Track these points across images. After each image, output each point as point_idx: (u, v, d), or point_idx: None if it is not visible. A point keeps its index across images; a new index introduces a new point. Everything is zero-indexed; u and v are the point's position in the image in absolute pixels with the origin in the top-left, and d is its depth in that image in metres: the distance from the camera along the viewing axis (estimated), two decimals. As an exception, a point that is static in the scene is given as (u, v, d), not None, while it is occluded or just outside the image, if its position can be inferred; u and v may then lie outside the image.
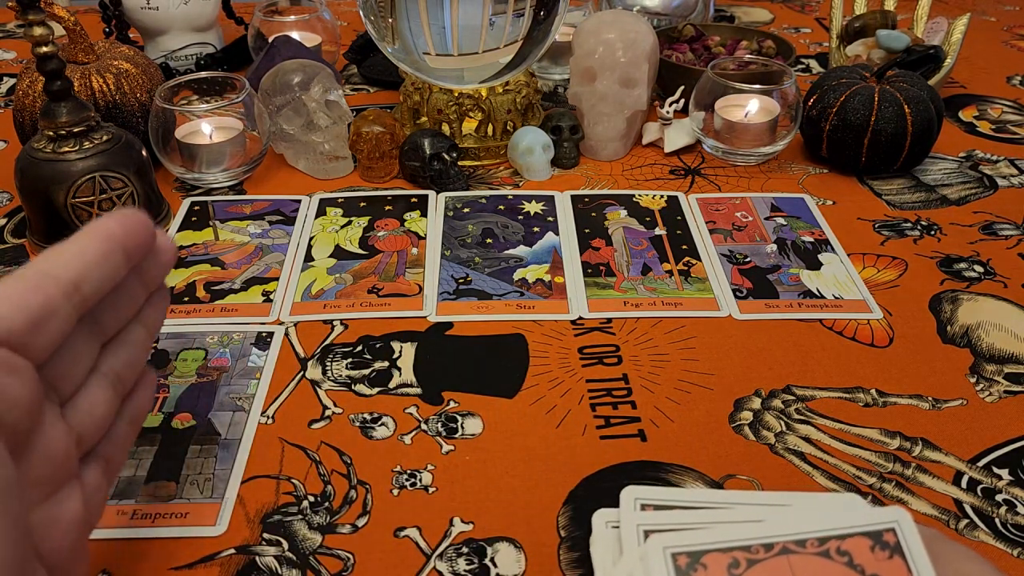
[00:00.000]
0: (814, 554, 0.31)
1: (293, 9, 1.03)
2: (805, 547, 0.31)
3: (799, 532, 0.32)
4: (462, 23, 0.73)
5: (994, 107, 0.96)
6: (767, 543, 0.31)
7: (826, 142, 0.78)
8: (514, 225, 0.72)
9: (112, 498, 0.47)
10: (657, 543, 0.32)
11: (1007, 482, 0.48)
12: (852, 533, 0.32)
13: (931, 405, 0.54)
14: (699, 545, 0.32)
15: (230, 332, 0.59)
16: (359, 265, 0.67)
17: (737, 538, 0.32)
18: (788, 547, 0.31)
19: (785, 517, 0.32)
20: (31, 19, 0.60)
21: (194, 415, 0.52)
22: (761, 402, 0.54)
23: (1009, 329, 0.60)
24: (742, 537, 0.32)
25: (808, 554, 0.31)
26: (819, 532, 0.32)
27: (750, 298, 0.63)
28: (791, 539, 0.32)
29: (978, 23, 1.22)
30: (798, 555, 0.31)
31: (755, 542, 0.32)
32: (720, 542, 0.32)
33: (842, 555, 0.31)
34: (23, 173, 0.65)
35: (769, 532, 0.32)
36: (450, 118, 0.81)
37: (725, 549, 0.31)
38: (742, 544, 0.32)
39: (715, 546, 0.32)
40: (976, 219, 0.74)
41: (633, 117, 0.81)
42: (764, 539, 0.32)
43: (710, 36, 0.98)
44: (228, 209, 0.74)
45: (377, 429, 0.52)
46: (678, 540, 0.32)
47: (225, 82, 0.79)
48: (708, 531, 0.32)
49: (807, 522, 0.32)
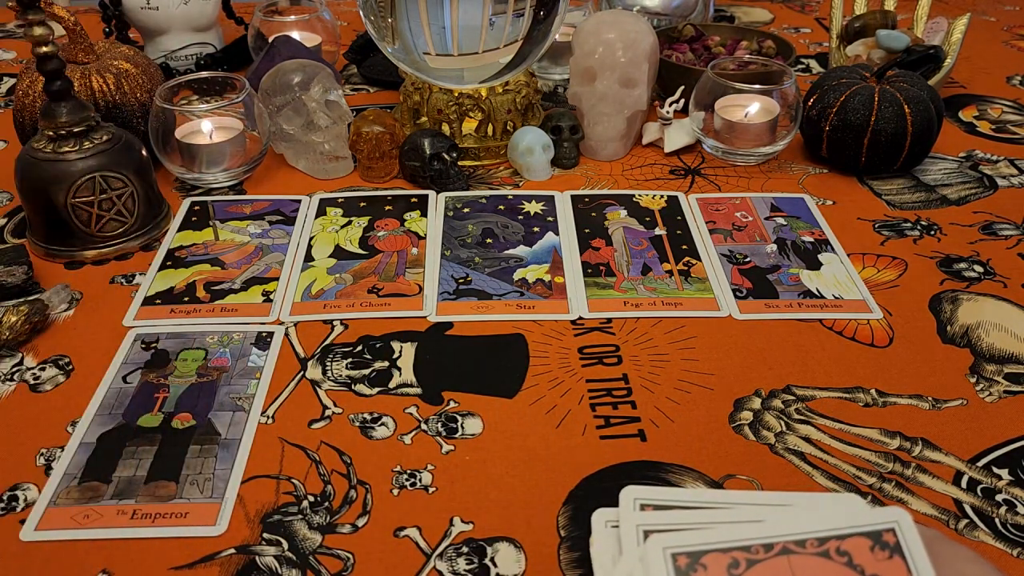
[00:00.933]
0: (814, 554, 0.31)
1: (293, 9, 1.03)
2: (805, 547, 0.31)
3: (799, 532, 0.32)
4: (462, 23, 0.73)
5: (994, 107, 0.96)
6: (767, 543, 0.31)
7: (826, 142, 0.78)
8: (514, 225, 0.72)
9: (112, 498, 0.47)
10: (657, 543, 0.32)
11: (1007, 482, 0.48)
12: (852, 533, 0.31)
13: (931, 405, 0.54)
14: (699, 545, 0.32)
15: (230, 332, 0.59)
16: (359, 265, 0.67)
17: (737, 538, 0.32)
18: (788, 547, 0.31)
19: (785, 517, 0.32)
20: (31, 19, 0.60)
21: (194, 415, 0.52)
22: (761, 402, 0.54)
23: (1009, 329, 0.60)
24: (742, 537, 0.32)
25: (808, 554, 0.31)
26: (819, 532, 0.32)
27: (750, 298, 0.63)
28: (791, 539, 0.32)
29: (978, 23, 1.22)
30: (798, 555, 0.31)
31: (755, 542, 0.31)
32: (720, 542, 0.32)
33: (842, 555, 0.31)
34: (23, 173, 0.65)
35: (769, 532, 0.32)
36: (450, 118, 0.81)
37: (725, 549, 0.31)
38: (742, 544, 0.31)
39: (715, 546, 0.32)
40: (976, 219, 0.74)
41: (633, 117, 0.81)
42: (764, 539, 0.32)
43: (710, 36, 0.98)
44: (228, 209, 0.74)
45: (377, 429, 0.52)
46: (678, 540, 0.32)
47: (225, 82, 0.79)
48: (708, 531, 0.32)
49: (807, 522, 0.32)
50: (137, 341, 0.58)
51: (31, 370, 0.56)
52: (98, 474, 0.48)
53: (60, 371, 0.56)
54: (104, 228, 0.67)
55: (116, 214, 0.67)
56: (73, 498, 0.47)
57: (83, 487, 0.47)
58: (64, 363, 0.57)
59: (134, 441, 0.50)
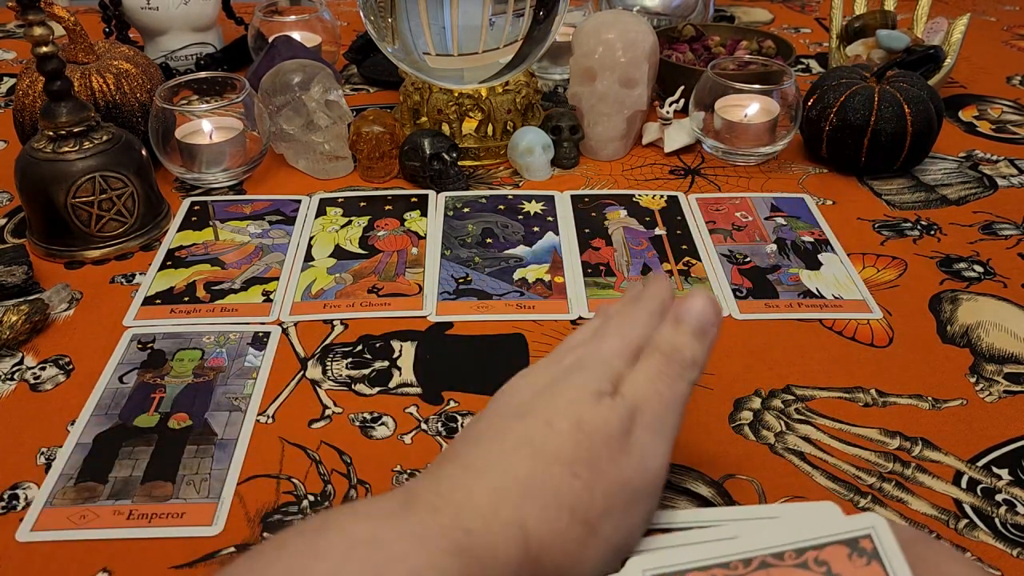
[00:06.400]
0: (793, 566, 0.31)
1: (293, 9, 1.03)
2: (783, 559, 0.31)
3: (776, 545, 0.32)
4: (462, 23, 0.73)
5: (994, 107, 0.96)
6: (745, 558, 0.31)
7: (826, 142, 0.78)
8: (514, 225, 0.72)
9: (108, 498, 0.47)
10: (636, 566, 0.32)
11: (1007, 482, 0.48)
12: (829, 542, 0.32)
13: (931, 405, 0.54)
14: (678, 565, 0.32)
15: (226, 332, 0.59)
16: (359, 265, 0.67)
17: (715, 555, 0.32)
18: (767, 561, 0.31)
19: (761, 531, 0.32)
20: (31, 19, 0.60)
21: (191, 415, 0.52)
22: (761, 402, 0.54)
23: (1009, 329, 0.60)
24: (720, 554, 0.32)
25: (787, 566, 0.31)
26: (796, 544, 0.32)
27: (750, 298, 0.63)
28: (769, 553, 0.32)
29: (978, 23, 1.22)
30: (777, 568, 0.31)
31: (733, 558, 0.32)
32: (698, 560, 0.32)
33: (820, 565, 0.31)
34: (23, 173, 0.65)
35: (747, 547, 0.32)
36: (450, 118, 0.81)
37: (704, 567, 0.31)
38: (721, 561, 0.32)
39: (694, 565, 0.32)
40: (976, 219, 0.74)
41: (633, 117, 0.81)
42: (742, 555, 0.32)
43: (710, 36, 0.98)
44: (228, 209, 0.74)
45: (377, 429, 0.52)
46: (656, 562, 0.32)
47: (225, 82, 0.79)
48: (685, 550, 0.32)
49: (784, 534, 0.32)
50: (133, 341, 0.58)
51: (31, 369, 0.56)
52: (94, 475, 0.48)
53: (60, 371, 0.56)
54: (104, 228, 0.67)
55: (116, 214, 0.67)
56: (69, 499, 0.47)
57: (79, 487, 0.47)
58: (64, 363, 0.57)
59: (131, 441, 0.50)
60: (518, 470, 0.34)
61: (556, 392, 0.37)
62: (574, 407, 0.36)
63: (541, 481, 0.34)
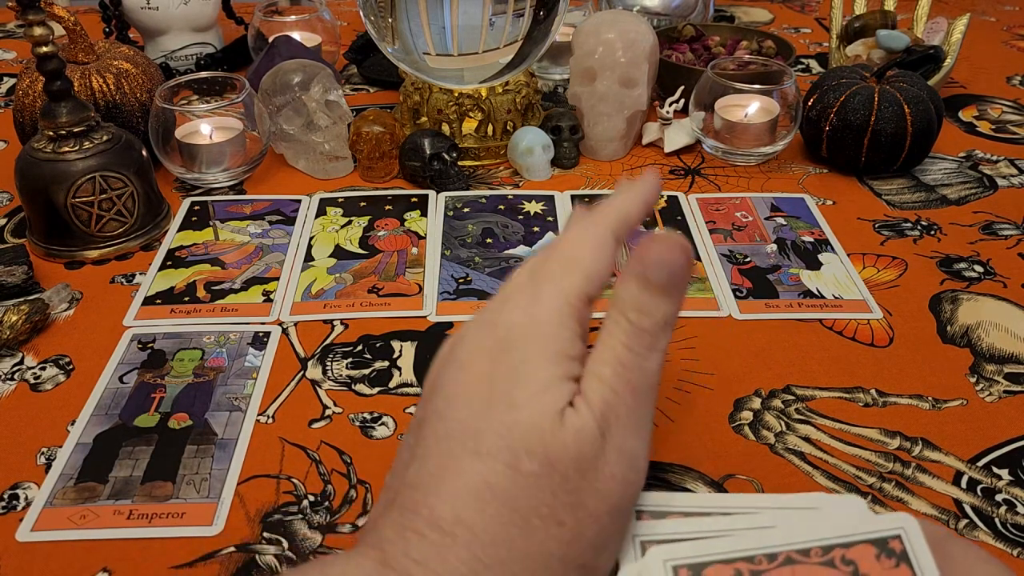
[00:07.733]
0: (819, 563, 0.30)
1: (293, 9, 1.03)
2: (809, 556, 0.30)
3: (803, 541, 0.31)
4: (462, 23, 0.73)
5: (994, 107, 0.96)
6: (770, 553, 0.30)
7: (826, 142, 0.78)
8: (514, 225, 0.72)
9: (109, 498, 0.47)
10: (657, 556, 0.31)
11: (1007, 482, 0.48)
12: (857, 541, 0.31)
13: (931, 405, 0.54)
14: (701, 557, 0.31)
15: (227, 332, 0.59)
16: (359, 265, 0.67)
17: (740, 548, 0.31)
18: (792, 557, 0.30)
19: (789, 525, 0.31)
20: (31, 19, 0.60)
21: (191, 415, 0.52)
22: (761, 402, 0.54)
23: (1009, 329, 0.60)
24: (745, 547, 0.31)
25: (812, 563, 0.30)
26: (823, 541, 0.31)
27: (750, 298, 0.63)
28: (795, 548, 0.31)
29: (978, 23, 1.22)
30: (802, 565, 0.30)
31: (758, 552, 0.31)
32: (722, 553, 0.31)
33: (847, 564, 0.30)
34: (23, 173, 0.65)
35: (772, 542, 0.31)
36: (450, 118, 0.81)
37: (728, 560, 0.30)
38: (745, 555, 0.31)
39: (717, 557, 0.31)
40: (976, 219, 0.74)
41: (633, 117, 0.81)
42: (767, 549, 0.31)
43: (710, 36, 0.98)
44: (228, 209, 0.74)
45: (377, 429, 0.52)
46: (678, 552, 0.31)
47: (225, 82, 0.79)
48: (709, 542, 0.31)
49: (811, 530, 0.31)
50: (133, 341, 0.58)
51: (31, 369, 0.56)
52: (95, 474, 0.48)
53: (60, 371, 0.56)
54: (104, 228, 0.67)
55: (116, 214, 0.67)
56: (70, 499, 0.47)
57: (79, 487, 0.47)
58: (64, 363, 0.57)
59: (131, 441, 0.50)
60: (495, 531, 0.30)
61: (507, 411, 0.31)
62: (536, 437, 0.30)
63: (524, 542, 0.30)
